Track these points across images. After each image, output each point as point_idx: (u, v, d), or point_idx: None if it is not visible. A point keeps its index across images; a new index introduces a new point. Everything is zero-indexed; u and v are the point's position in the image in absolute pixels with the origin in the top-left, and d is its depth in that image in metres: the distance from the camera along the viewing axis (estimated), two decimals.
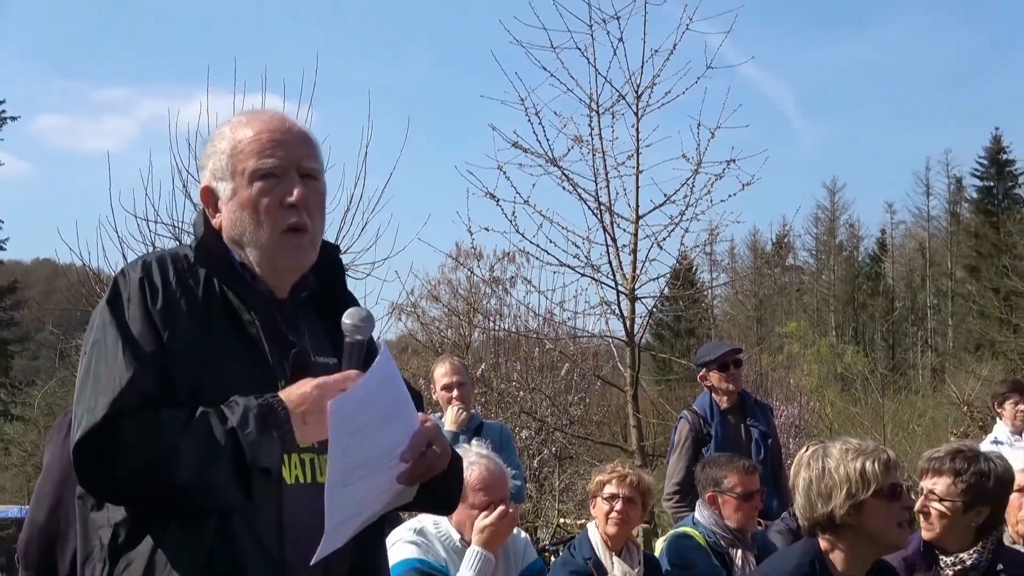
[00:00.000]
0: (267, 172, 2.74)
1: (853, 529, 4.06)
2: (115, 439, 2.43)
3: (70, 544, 3.67)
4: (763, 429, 8.33)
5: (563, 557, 5.83)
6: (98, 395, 2.47)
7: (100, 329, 2.57)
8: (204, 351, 2.59)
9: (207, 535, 2.53)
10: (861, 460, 4.05)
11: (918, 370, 55.12)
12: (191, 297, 2.63)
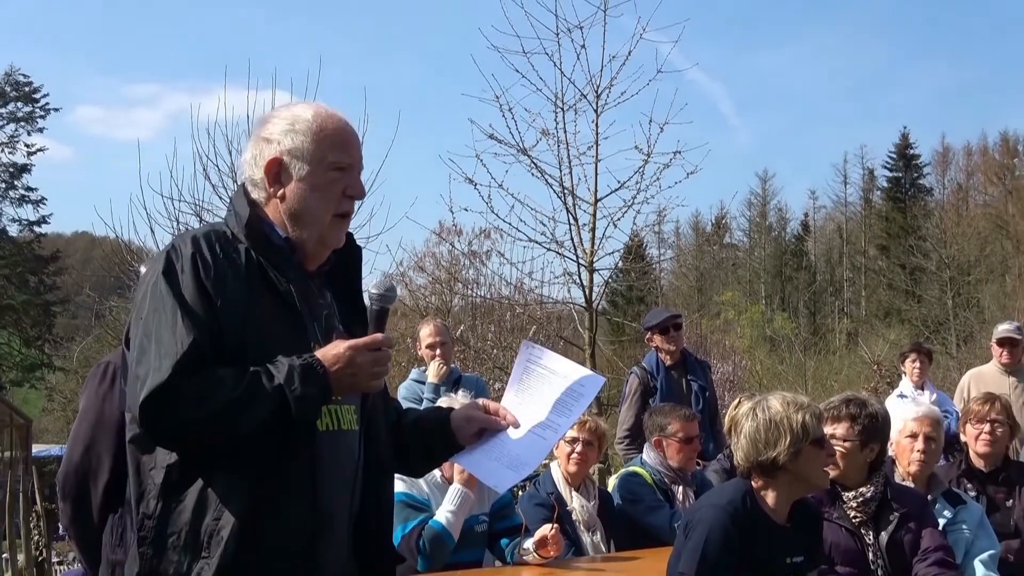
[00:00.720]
0: (343, 166, 2.76)
1: (789, 472, 4.06)
2: (177, 395, 2.41)
3: (101, 478, 3.63)
4: (702, 383, 8.40)
5: (529, 491, 5.82)
6: (162, 357, 2.43)
7: (158, 298, 2.53)
8: (249, 316, 2.57)
9: (251, 477, 2.52)
10: (802, 413, 4.05)
11: (835, 334, 55.42)
12: (235, 268, 2.60)
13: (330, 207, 2.77)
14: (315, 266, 2.83)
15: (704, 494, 4.94)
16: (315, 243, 2.78)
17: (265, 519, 2.54)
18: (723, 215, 65.25)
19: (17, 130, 58.89)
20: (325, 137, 2.76)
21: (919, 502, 4.77)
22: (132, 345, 2.57)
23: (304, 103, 2.91)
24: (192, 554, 2.50)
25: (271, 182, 2.74)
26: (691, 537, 4.08)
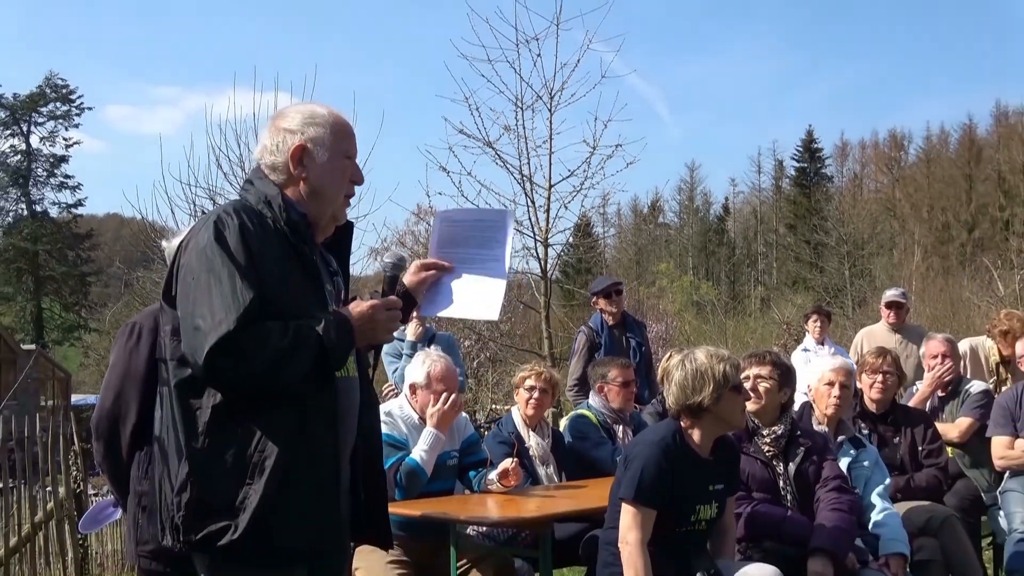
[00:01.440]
0: (352, 155, 2.83)
1: (712, 413, 4.08)
2: (240, 344, 2.42)
3: (129, 421, 3.61)
4: (639, 340, 8.46)
5: (493, 431, 5.83)
6: (226, 310, 2.43)
7: (211, 261, 2.50)
8: (282, 276, 2.58)
9: (289, 415, 2.54)
10: (723, 364, 4.08)
11: (751, 299, 55.84)
12: (270, 237, 2.60)
13: (342, 189, 2.82)
14: (323, 238, 2.84)
15: (640, 432, 4.95)
16: (327, 219, 2.82)
17: (301, 448, 2.55)
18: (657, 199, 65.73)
19: (56, 126, 59.27)
20: (340, 130, 2.80)
21: (821, 439, 4.80)
22: (181, 302, 2.55)
23: (314, 103, 2.91)
24: (239, 481, 2.49)
25: (295, 165, 2.73)
26: (629, 468, 4.08)
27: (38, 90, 58.70)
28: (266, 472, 2.49)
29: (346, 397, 2.75)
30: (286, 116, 2.81)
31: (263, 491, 2.49)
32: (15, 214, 59.01)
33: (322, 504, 2.63)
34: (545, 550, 4.74)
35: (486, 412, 15.14)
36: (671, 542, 4.03)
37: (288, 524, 2.54)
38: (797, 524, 4.44)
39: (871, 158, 67.14)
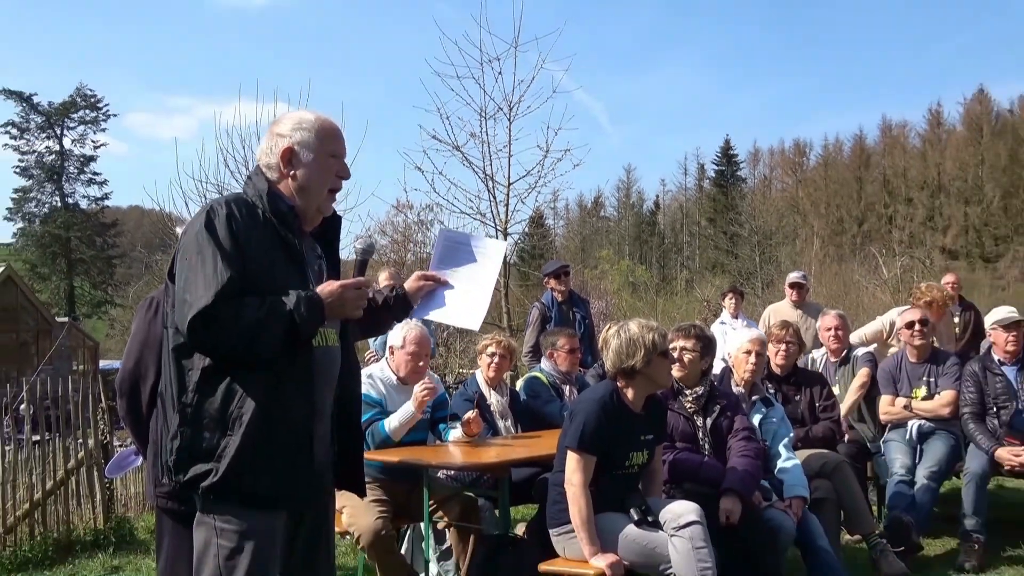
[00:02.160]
0: (337, 154, 2.78)
1: (643, 375, 4.11)
2: (217, 315, 2.42)
3: (148, 380, 3.58)
4: (583, 314, 8.51)
5: (460, 390, 5.83)
6: (207, 287, 2.44)
7: (200, 245, 2.52)
8: (266, 260, 2.57)
9: (265, 377, 2.53)
10: (652, 334, 4.12)
11: (677, 281, 56.13)
12: (257, 225, 2.59)
13: (325, 184, 2.77)
14: (311, 228, 2.81)
15: (583, 391, 4.97)
16: (314, 211, 2.78)
17: (275, 407, 2.53)
18: (599, 196, 66.31)
19: (85, 130, 59.33)
20: (325, 133, 2.75)
21: (734, 398, 4.86)
22: (178, 278, 2.56)
23: (307, 110, 2.89)
24: (220, 432, 2.50)
25: (285, 164, 2.71)
26: (574, 421, 4.10)
27: (70, 99, 58.55)
28: (243, 426, 2.50)
29: (325, 364, 2.72)
30: (280, 122, 2.79)
31: (240, 442, 2.50)
32: (50, 206, 58.89)
33: (295, 457, 2.61)
34: (503, 491, 4.77)
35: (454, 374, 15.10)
36: (609, 483, 4.06)
37: (264, 472, 2.54)
38: (713, 468, 4.50)
39: (778, 163, 67.61)
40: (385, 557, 4.64)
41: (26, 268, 51.40)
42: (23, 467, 6.75)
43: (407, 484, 4.77)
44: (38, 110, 57.99)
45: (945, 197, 56.04)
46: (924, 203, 56.24)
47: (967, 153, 56.81)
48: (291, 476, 2.61)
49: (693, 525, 3.83)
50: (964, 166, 56.28)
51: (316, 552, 2.81)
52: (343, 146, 2.82)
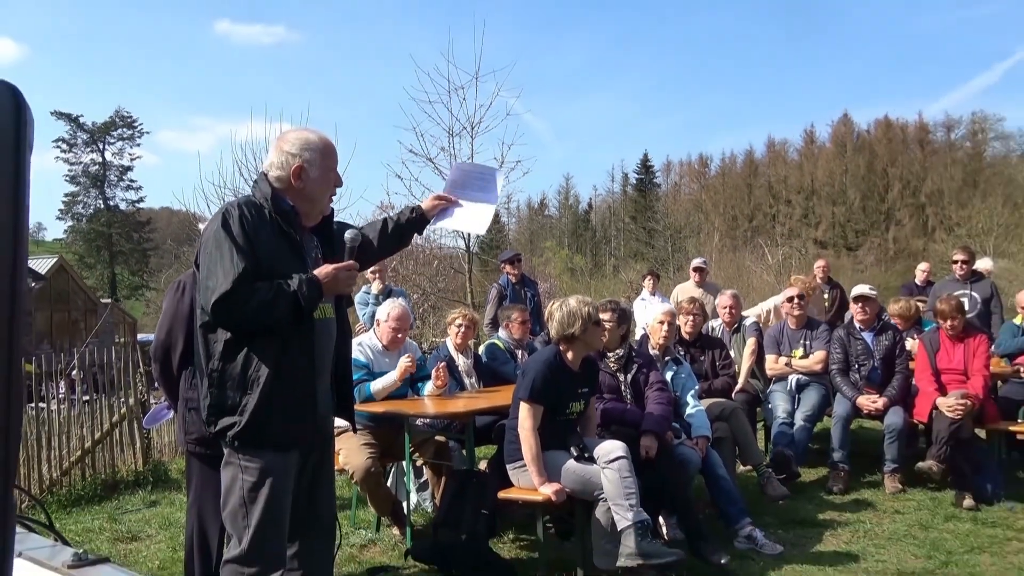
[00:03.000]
0: (335, 167, 2.76)
1: (581, 340, 4.12)
2: (235, 297, 2.44)
3: (177, 348, 3.53)
4: (532, 293, 8.51)
5: (433, 355, 5.82)
6: (226, 276, 2.44)
7: (218, 241, 2.51)
8: (273, 251, 2.56)
9: (276, 345, 2.53)
10: (587, 307, 4.13)
11: (607, 267, 56.29)
12: (264, 223, 2.58)
13: (327, 192, 2.75)
14: (311, 224, 2.77)
15: (533, 354, 4.98)
16: (315, 211, 2.76)
17: (284, 369, 2.54)
18: (544, 198, 66.10)
19: (123, 145, 59.10)
20: (326, 151, 2.72)
21: (649, 358, 4.89)
22: (202, 269, 2.56)
23: (308, 129, 2.83)
24: (242, 391, 2.52)
25: (295, 179, 2.66)
26: (525, 378, 4.11)
27: (110, 119, 58.10)
28: (260, 385, 2.51)
29: (323, 333, 2.71)
30: (287, 140, 2.74)
31: (258, 398, 2.51)
32: (95, 208, 58.62)
33: (302, 408, 2.62)
34: (469, 434, 4.77)
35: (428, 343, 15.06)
36: (553, 427, 4.08)
37: (278, 421, 2.55)
38: (634, 414, 4.54)
39: (686, 172, 67.82)
40: (374, 489, 4.63)
41: (75, 259, 50.49)
42: (75, 422, 6.66)
43: (391, 430, 4.75)
44: (84, 128, 57.61)
45: (817, 199, 56.73)
46: (800, 204, 56.92)
47: (834, 164, 57.52)
48: (300, 423, 2.61)
49: (620, 459, 3.87)
50: (832, 175, 56.99)
51: (319, 486, 2.80)
52: (337, 160, 2.78)
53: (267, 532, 2.55)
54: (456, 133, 12.58)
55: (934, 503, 5.31)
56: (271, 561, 2.56)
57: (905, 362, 5.99)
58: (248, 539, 2.54)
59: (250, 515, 2.55)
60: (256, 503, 2.55)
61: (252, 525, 2.54)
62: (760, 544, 4.42)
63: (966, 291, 7.79)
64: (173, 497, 6.10)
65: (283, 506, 2.60)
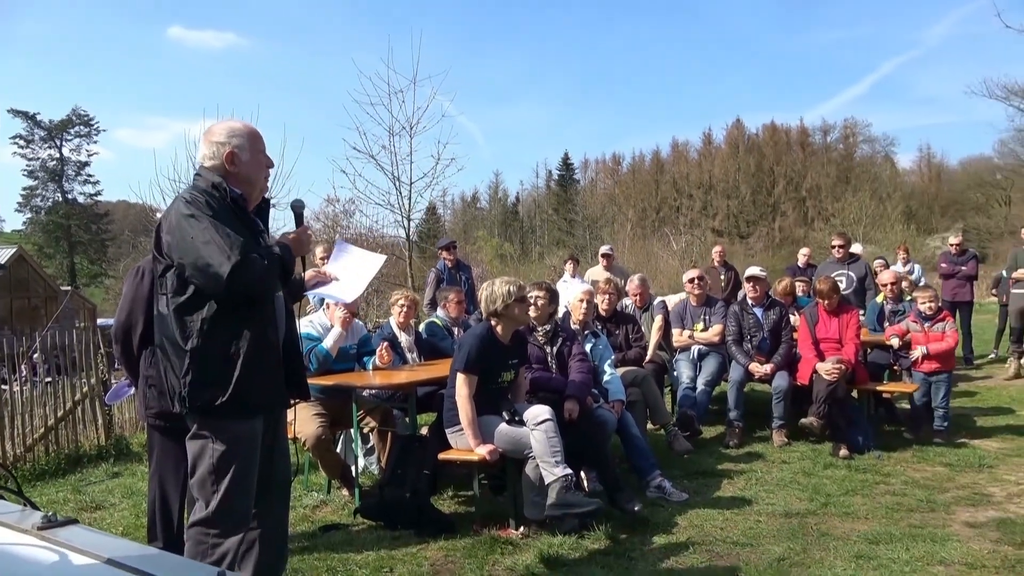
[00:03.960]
0: (263, 150, 2.67)
1: (505, 315, 4.13)
2: (247, 265, 2.36)
3: (138, 329, 3.38)
4: (467, 276, 8.49)
5: (378, 332, 5.73)
6: (231, 249, 2.35)
7: (194, 224, 2.41)
8: (235, 230, 2.45)
9: (250, 319, 2.49)
10: (511, 286, 4.13)
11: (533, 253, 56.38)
12: (223, 207, 2.49)
13: (261, 174, 2.67)
14: (252, 207, 2.68)
15: (468, 330, 4.97)
16: (257, 193, 2.68)
17: (260, 341, 2.50)
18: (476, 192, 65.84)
19: (80, 142, 55.78)
20: (253, 136, 2.65)
21: (572, 332, 4.91)
22: (188, 254, 2.41)
23: (231, 119, 2.77)
24: (229, 364, 2.46)
25: (229, 165, 2.58)
26: (461, 350, 4.10)
27: (67, 117, 54.74)
28: (241, 358, 2.46)
29: (279, 309, 2.68)
30: (214, 132, 2.65)
31: (241, 370, 2.45)
32: (53, 200, 55.33)
33: (272, 376, 2.58)
34: (412, 403, 4.74)
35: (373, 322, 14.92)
36: (486, 394, 4.08)
37: (255, 390, 2.50)
38: (558, 382, 4.57)
39: (601, 169, 68.39)
40: (325, 455, 4.56)
41: (35, 249, 47.97)
42: (38, 402, 6.33)
43: (339, 401, 4.68)
44: (41, 126, 54.26)
45: (714, 194, 58.06)
46: (700, 198, 58.17)
47: (729, 163, 58.92)
48: (271, 389, 2.59)
49: (546, 422, 3.90)
50: (727, 172, 58.37)
51: (276, 450, 2.73)
52: (264, 142, 2.71)
53: (235, 496, 2.49)
54: (396, 133, 12.47)
55: (815, 454, 5.52)
56: (237, 522, 2.51)
57: (790, 333, 6.20)
58: (216, 502, 2.47)
59: (219, 481, 2.48)
60: (227, 471, 2.48)
61: (221, 490, 2.47)
62: (668, 493, 4.52)
63: (844, 271, 8.13)
64: (135, 468, 5.88)
65: (252, 471, 2.55)
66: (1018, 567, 3.37)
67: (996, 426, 6.36)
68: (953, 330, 6.09)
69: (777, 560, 3.51)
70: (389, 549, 3.79)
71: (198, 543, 2.49)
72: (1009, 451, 5.53)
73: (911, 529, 3.90)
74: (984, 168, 49.38)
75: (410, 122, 12.38)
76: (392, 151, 12.54)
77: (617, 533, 3.90)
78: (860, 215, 40.28)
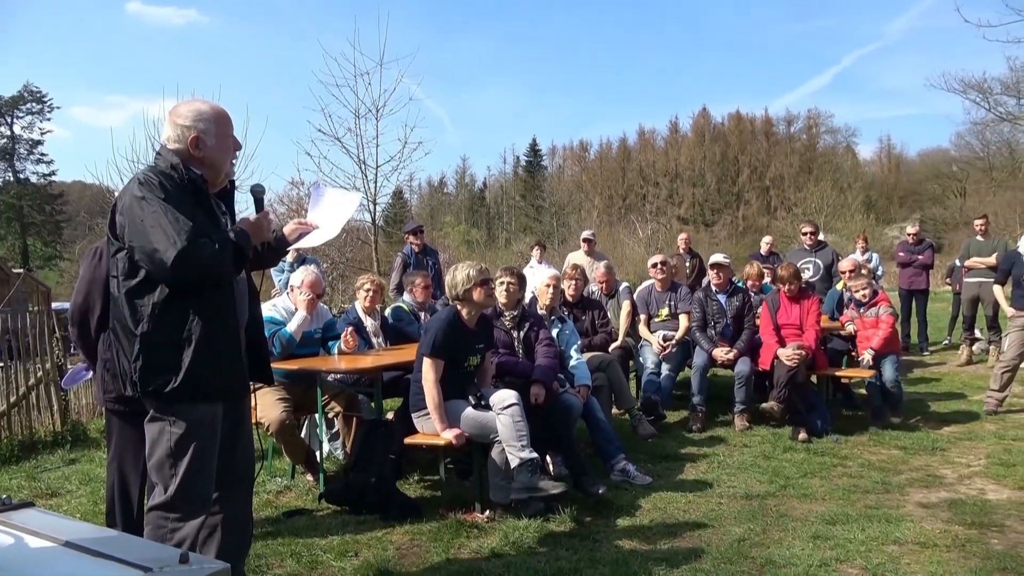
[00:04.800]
0: (230, 134, 2.61)
1: (470, 300, 4.13)
2: (191, 252, 2.30)
3: (95, 312, 3.31)
4: (433, 261, 8.44)
5: (343, 316, 5.69)
6: (178, 234, 2.30)
7: (147, 206, 2.35)
8: (190, 213, 2.40)
9: (205, 304, 2.44)
10: (474, 270, 4.13)
11: (500, 239, 56.32)
12: (177, 188, 2.43)
13: (228, 158, 2.62)
14: (216, 190, 2.63)
15: (434, 315, 4.95)
16: (222, 177, 2.63)
17: (215, 325, 2.45)
18: (443, 177, 65.43)
19: (33, 120, 53.81)
20: (220, 120, 2.58)
21: (538, 318, 4.94)
22: (138, 236, 2.36)
23: (198, 100, 2.65)
24: (179, 350, 2.42)
25: (194, 148, 2.53)
26: (427, 335, 4.09)
27: (18, 94, 52.78)
28: (194, 342, 2.41)
29: (240, 291, 2.63)
30: (179, 113, 2.58)
31: (192, 355, 2.41)
32: (4, 179, 53.46)
33: (230, 361, 2.54)
34: (377, 388, 4.72)
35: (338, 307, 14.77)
36: (453, 379, 4.08)
37: (210, 375, 2.45)
38: (525, 366, 4.59)
39: (569, 156, 68.51)
40: (289, 440, 4.52)
41: None
42: None
43: (304, 385, 4.65)
44: None
45: (680, 182, 58.55)
46: (666, 186, 58.63)
47: (694, 152, 59.44)
48: (229, 376, 2.54)
49: (513, 406, 3.92)
50: (692, 161, 58.88)
51: (240, 436, 2.70)
52: (232, 125, 2.65)
53: (194, 480, 2.46)
54: (362, 115, 12.31)
55: (775, 437, 5.63)
56: (196, 506, 2.48)
57: (752, 320, 6.30)
58: (175, 487, 2.44)
59: (177, 465, 2.45)
60: (184, 454, 2.45)
61: (179, 474, 2.44)
62: (633, 476, 4.58)
63: (811, 258, 8.28)
64: (93, 455, 5.76)
65: (211, 455, 2.51)
66: (968, 546, 3.49)
67: (948, 411, 6.56)
68: (888, 314, 6.21)
69: (738, 541, 3.59)
70: (354, 534, 3.78)
71: (157, 527, 2.46)
72: (960, 435, 5.71)
73: (867, 510, 4.01)
74: (941, 160, 50.64)
75: (376, 105, 12.24)
76: (358, 134, 12.37)
77: (582, 516, 3.94)
78: (821, 204, 41.00)
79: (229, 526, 2.65)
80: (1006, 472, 4.68)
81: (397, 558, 3.48)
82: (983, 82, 20.42)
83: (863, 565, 3.29)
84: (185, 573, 1.07)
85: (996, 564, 3.28)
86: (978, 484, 4.49)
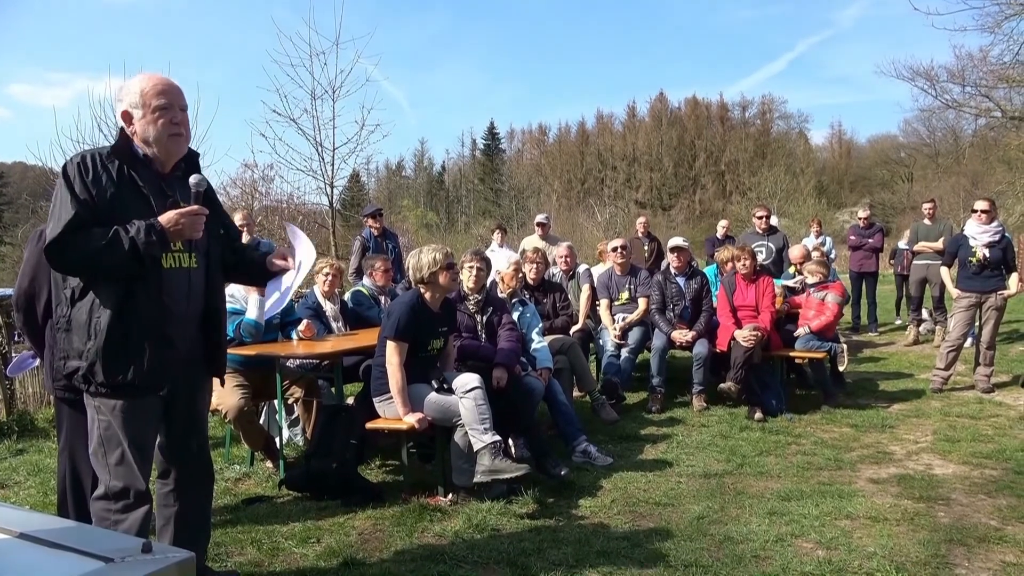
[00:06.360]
0: (164, 106, 2.46)
1: (434, 283, 4.10)
2: (66, 243, 2.28)
3: (42, 297, 3.20)
4: (393, 244, 8.35)
5: (302, 301, 5.60)
6: (60, 221, 2.28)
7: (59, 192, 2.34)
8: (117, 201, 2.36)
9: (120, 293, 2.37)
10: (438, 254, 4.11)
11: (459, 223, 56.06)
12: (106, 171, 2.37)
13: (164, 131, 2.46)
14: (168, 170, 2.53)
15: (397, 297, 4.91)
16: (164, 155, 2.51)
17: (128, 315, 2.39)
18: (401, 160, 64.78)
19: None
20: (147, 91, 2.46)
21: (501, 302, 4.94)
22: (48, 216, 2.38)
23: (139, 75, 2.54)
24: (86, 338, 2.39)
25: (127, 124, 2.48)
26: (391, 318, 4.05)
27: None
28: (103, 331, 2.37)
29: (178, 281, 2.50)
30: (119, 91, 2.54)
31: (101, 344, 2.38)
32: None
33: (153, 352, 2.44)
34: (337, 373, 4.68)
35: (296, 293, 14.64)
36: (416, 362, 4.06)
37: (123, 366, 2.40)
38: (487, 350, 4.59)
39: (528, 139, 68.36)
40: (247, 427, 4.46)
41: None
42: None
43: (262, 371, 4.57)
44: None
45: (638, 166, 58.99)
46: (624, 170, 59.02)
47: (652, 136, 59.87)
48: (151, 367, 2.44)
49: (475, 390, 3.92)
50: (650, 145, 59.32)
51: (191, 426, 2.65)
52: (171, 97, 2.48)
53: (124, 470, 2.43)
54: (318, 96, 12.06)
55: (732, 417, 5.75)
56: (133, 497, 2.44)
57: (710, 302, 6.39)
58: (109, 477, 2.43)
59: (109, 455, 2.43)
60: (110, 443, 2.43)
61: (111, 464, 2.43)
62: (594, 457, 4.63)
63: (764, 242, 8.42)
64: (41, 445, 5.59)
65: (139, 445, 2.46)
66: (916, 519, 3.62)
67: (897, 389, 6.77)
68: (835, 303, 6.39)
69: (697, 518, 3.66)
70: (316, 520, 3.75)
71: (101, 519, 2.44)
72: (908, 412, 5.90)
73: (820, 486, 4.13)
74: (890, 146, 51.91)
75: (332, 85, 11.98)
76: (314, 115, 12.12)
77: (544, 497, 3.97)
78: (775, 189, 41.71)
79: (183, 518, 2.63)
80: (951, 448, 4.86)
81: (360, 543, 3.46)
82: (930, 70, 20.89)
83: (817, 540, 3.38)
84: (148, 563, 1.04)
85: (943, 536, 3.41)
86: (925, 460, 4.66)
